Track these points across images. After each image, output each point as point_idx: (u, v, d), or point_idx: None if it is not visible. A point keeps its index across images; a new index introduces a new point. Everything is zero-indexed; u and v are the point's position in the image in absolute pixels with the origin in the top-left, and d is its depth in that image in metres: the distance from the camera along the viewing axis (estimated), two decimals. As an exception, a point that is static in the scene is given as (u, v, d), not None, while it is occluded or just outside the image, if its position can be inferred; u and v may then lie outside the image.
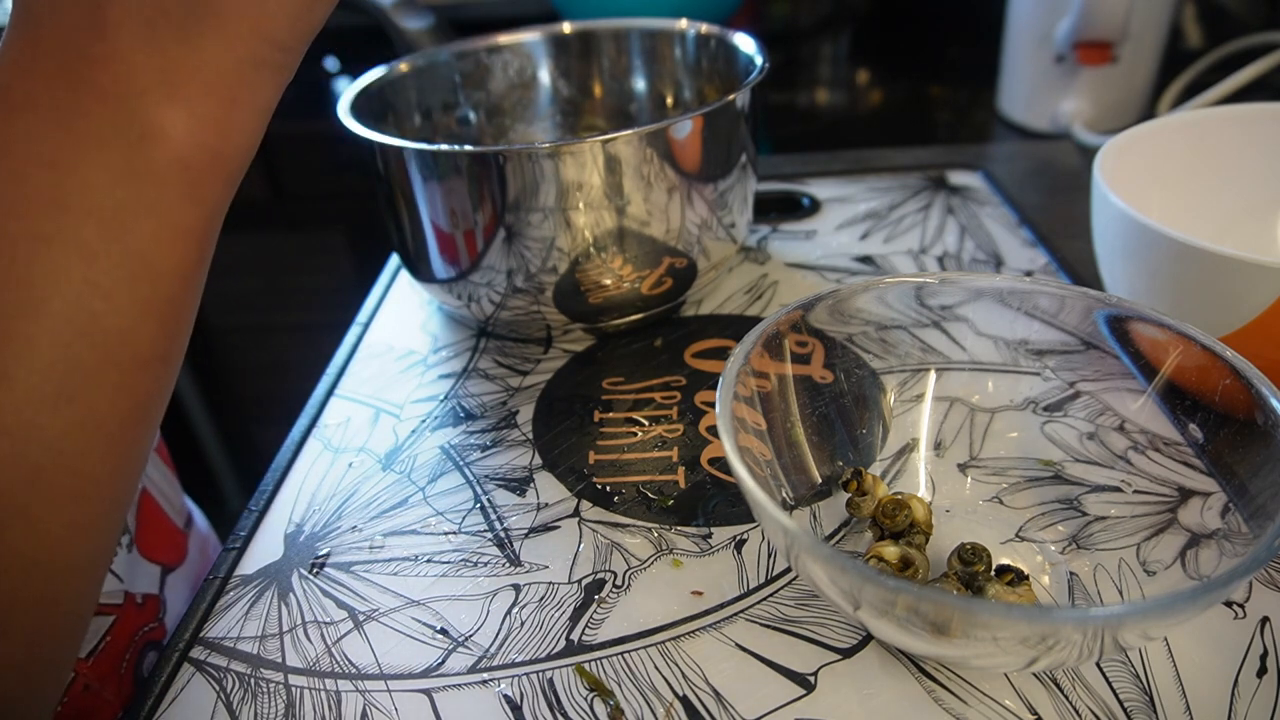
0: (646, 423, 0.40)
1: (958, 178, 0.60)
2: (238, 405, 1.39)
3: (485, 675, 0.29)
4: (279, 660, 0.30)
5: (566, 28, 0.54)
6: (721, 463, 0.37)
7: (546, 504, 0.36)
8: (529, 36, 0.54)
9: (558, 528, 0.35)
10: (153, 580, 0.39)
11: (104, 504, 0.25)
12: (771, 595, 0.31)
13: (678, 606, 0.31)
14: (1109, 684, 0.27)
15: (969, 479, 0.34)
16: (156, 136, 0.23)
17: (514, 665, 0.29)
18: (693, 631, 0.30)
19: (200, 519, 0.48)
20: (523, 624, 0.31)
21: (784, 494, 0.31)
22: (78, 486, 0.24)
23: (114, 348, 0.23)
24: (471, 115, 0.54)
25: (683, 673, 0.29)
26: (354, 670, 0.30)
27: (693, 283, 0.45)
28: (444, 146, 0.38)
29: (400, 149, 0.39)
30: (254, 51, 0.24)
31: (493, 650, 0.30)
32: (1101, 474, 0.32)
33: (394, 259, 0.55)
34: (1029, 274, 0.48)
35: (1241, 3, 0.86)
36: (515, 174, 0.38)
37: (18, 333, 0.22)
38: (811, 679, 0.28)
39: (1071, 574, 0.30)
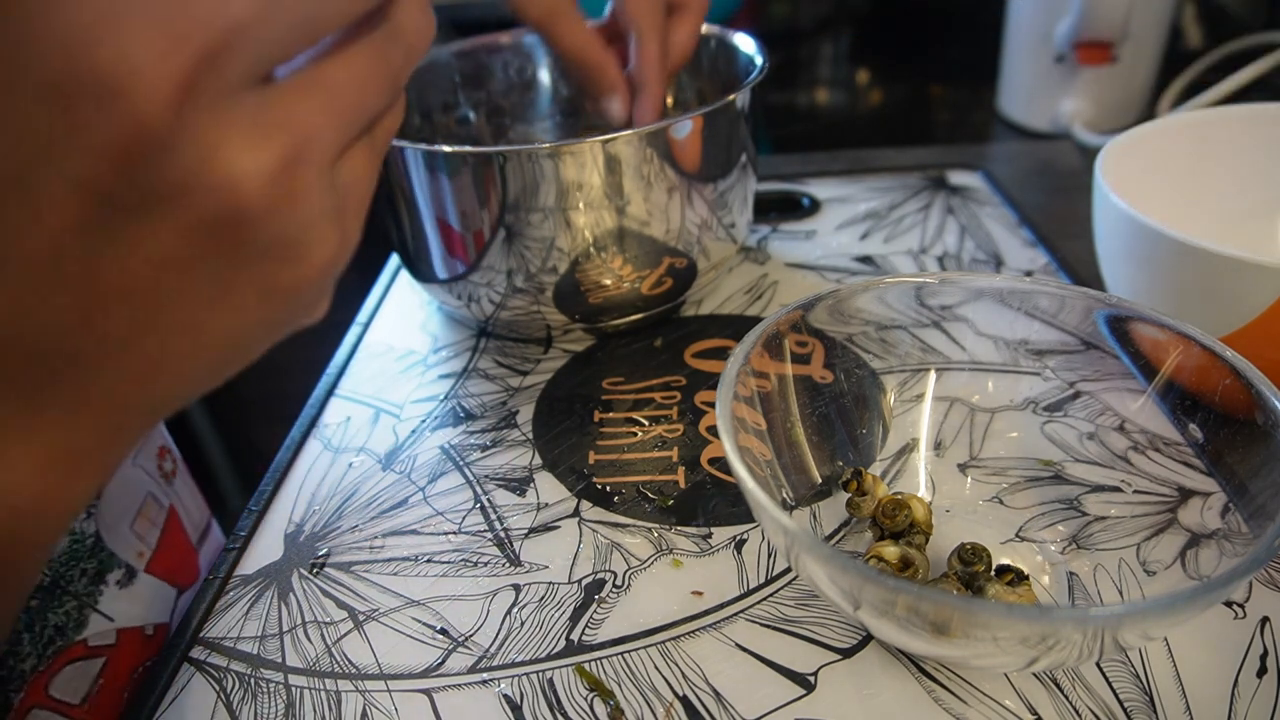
0: (646, 423, 0.40)
1: (958, 178, 0.60)
2: (238, 405, 1.39)
3: (485, 675, 0.29)
4: (279, 660, 0.30)
5: (566, 28, 0.54)
6: (721, 463, 0.37)
7: (546, 504, 0.36)
8: (529, 36, 0.54)
9: (558, 528, 0.35)
10: (166, 606, 0.37)
11: None
12: (771, 595, 0.31)
13: (678, 606, 0.31)
14: (1109, 684, 0.27)
15: (969, 479, 0.34)
16: None
17: (514, 665, 0.29)
18: (693, 631, 0.30)
19: (216, 531, 0.46)
20: (523, 624, 0.31)
21: (784, 494, 0.31)
22: None
23: None
24: (471, 115, 0.54)
25: (683, 673, 0.29)
26: (354, 670, 0.30)
27: (693, 283, 0.45)
28: (444, 147, 0.38)
29: (400, 149, 0.39)
30: (116, 422, 0.18)
31: (493, 650, 0.30)
32: (1101, 474, 0.32)
33: (394, 259, 0.55)
34: (1029, 274, 0.48)
35: (1241, 3, 0.86)
36: (515, 174, 0.38)
37: None
38: (811, 679, 0.28)
39: (1071, 574, 0.30)
